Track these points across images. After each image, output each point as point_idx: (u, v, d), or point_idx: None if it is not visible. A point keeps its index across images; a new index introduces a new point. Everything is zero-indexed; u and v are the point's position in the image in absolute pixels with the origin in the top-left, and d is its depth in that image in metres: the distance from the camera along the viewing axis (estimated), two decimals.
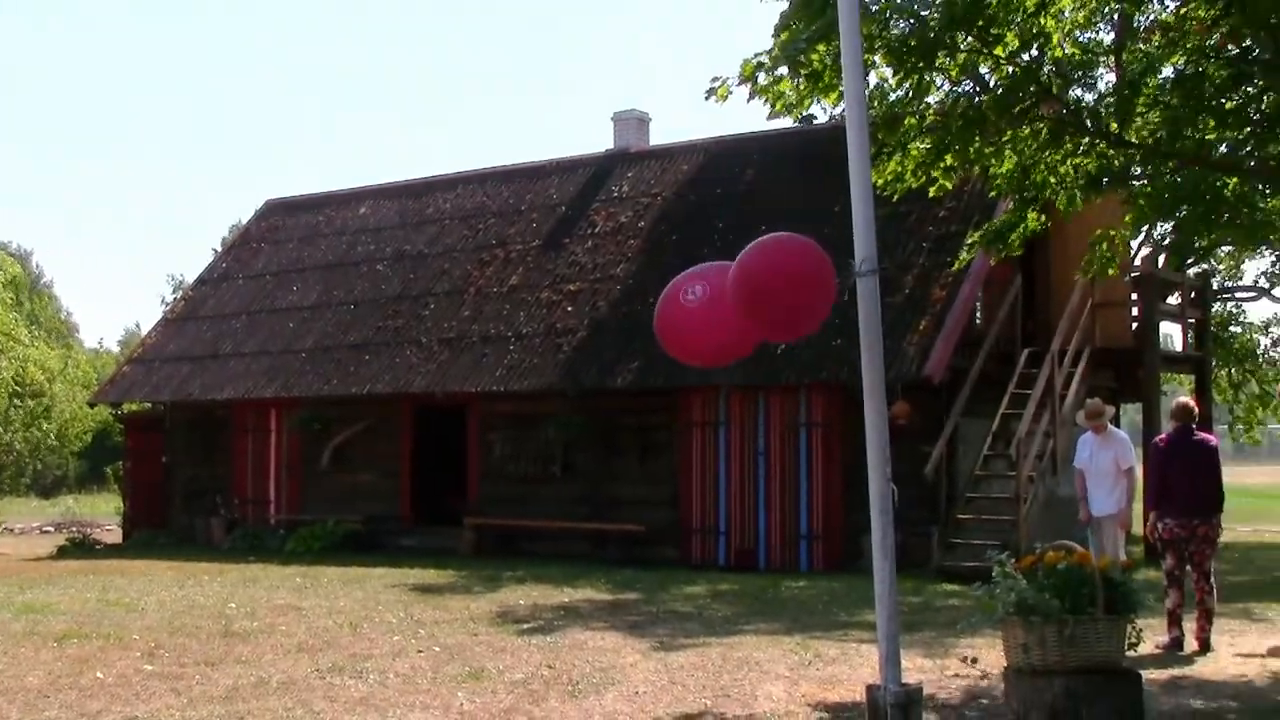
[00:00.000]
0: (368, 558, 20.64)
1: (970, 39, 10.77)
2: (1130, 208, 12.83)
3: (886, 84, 11.26)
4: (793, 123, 11.51)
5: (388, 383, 23.07)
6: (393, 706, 8.75)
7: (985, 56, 11.07)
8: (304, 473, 24.41)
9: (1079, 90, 12.42)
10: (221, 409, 25.54)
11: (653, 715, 8.53)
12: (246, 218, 34.69)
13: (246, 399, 24.87)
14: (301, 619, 13.14)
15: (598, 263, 22.93)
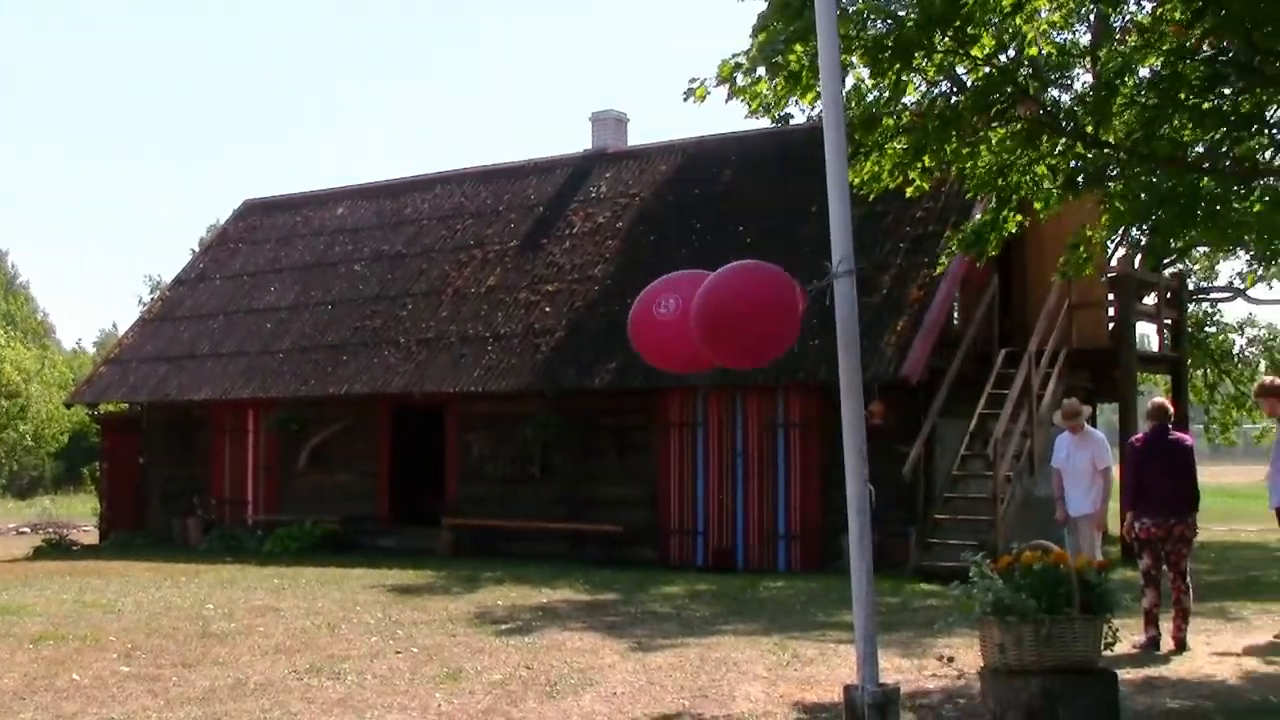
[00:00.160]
0: (345, 558, 20.58)
1: (947, 40, 10.80)
2: (1107, 209, 12.88)
3: (864, 84, 11.29)
4: (770, 123, 11.53)
5: (365, 383, 23.02)
6: (370, 707, 8.73)
7: (962, 57, 11.10)
8: (281, 473, 24.36)
9: (1055, 91, 12.47)
10: (199, 409, 25.47)
11: (630, 716, 8.52)
12: (224, 218, 34.57)
13: (224, 399, 24.79)
14: (279, 620, 13.10)
15: (576, 263, 22.91)
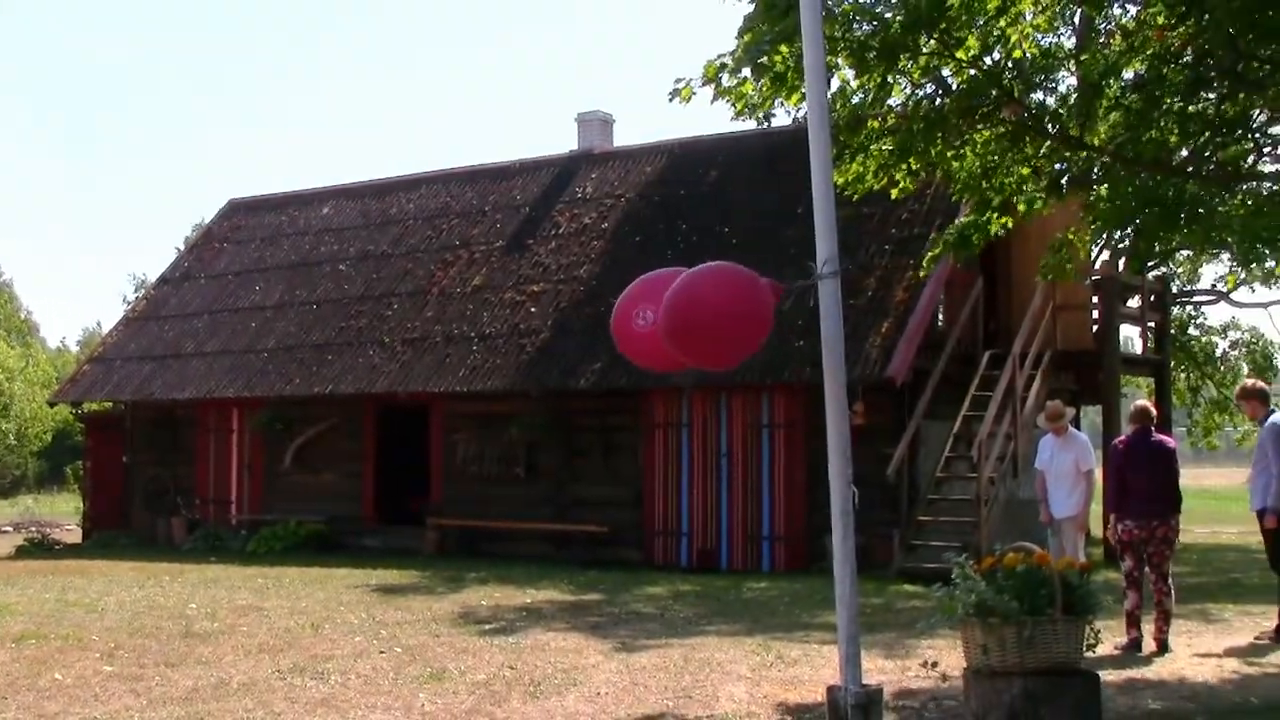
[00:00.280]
0: (330, 558, 20.56)
1: (932, 42, 10.83)
2: (1091, 211, 12.91)
3: (849, 86, 11.30)
4: (755, 124, 11.55)
5: (350, 383, 22.99)
6: (354, 708, 8.73)
7: (947, 59, 11.13)
8: (266, 473, 24.33)
9: (1040, 93, 12.50)
10: (183, 409, 25.42)
11: (614, 716, 8.53)
12: (209, 217, 34.50)
13: (208, 399, 24.75)
14: (263, 620, 13.08)
15: (561, 263, 22.91)
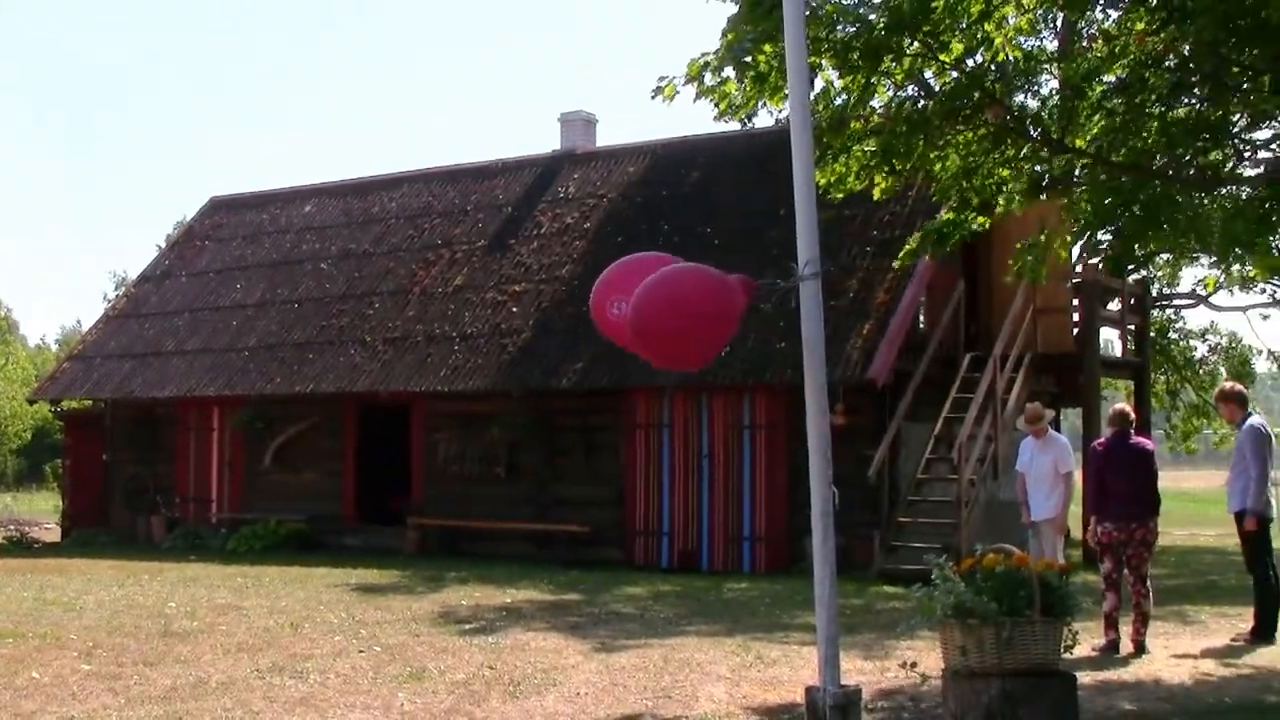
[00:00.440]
0: (310, 557, 20.52)
1: (916, 44, 10.84)
2: (1072, 213, 12.94)
3: (832, 87, 11.31)
4: (738, 125, 11.55)
5: (331, 382, 22.95)
6: (333, 707, 8.71)
7: (930, 61, 11.14)
8: (246, 472, 24.26)
9: (1023, 96, 12.52)
10: (163, 407, 25.35)
11: (593, 716, 8.54)
12: (190, 215, 34.38)
13: (189, 397, 24.67)
14: (242, 619, 13.05)
15: (543, 263, 22.89)
